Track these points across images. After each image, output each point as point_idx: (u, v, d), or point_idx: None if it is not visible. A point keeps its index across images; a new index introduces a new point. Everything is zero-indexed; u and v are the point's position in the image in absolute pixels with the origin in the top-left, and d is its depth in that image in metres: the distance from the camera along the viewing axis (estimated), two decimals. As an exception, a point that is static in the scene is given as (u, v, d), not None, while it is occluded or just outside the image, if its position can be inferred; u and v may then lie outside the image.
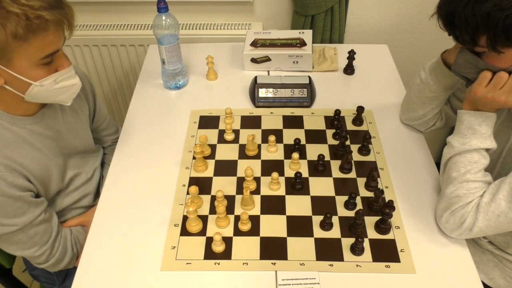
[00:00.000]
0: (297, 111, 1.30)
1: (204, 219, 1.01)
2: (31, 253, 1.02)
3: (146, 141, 1.21)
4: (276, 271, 0.92)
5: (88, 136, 1.19)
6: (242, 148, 1.18)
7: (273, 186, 1.07)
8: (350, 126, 1.25)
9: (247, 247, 0.96)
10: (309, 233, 0.98)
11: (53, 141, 1.05)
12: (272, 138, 1.15)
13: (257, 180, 1.10)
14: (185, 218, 1.01)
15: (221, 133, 1.23)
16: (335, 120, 1.25)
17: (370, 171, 1.06)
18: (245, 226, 0.99)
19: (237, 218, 1.00)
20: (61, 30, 0.87)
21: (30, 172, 0.97)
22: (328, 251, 0.95)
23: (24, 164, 0.96)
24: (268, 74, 1.45)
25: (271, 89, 1.31)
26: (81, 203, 1.17)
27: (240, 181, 1.10)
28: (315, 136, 1.22)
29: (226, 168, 1.14)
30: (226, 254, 0.95)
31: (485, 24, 0.79)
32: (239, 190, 1.08)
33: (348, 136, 1.16)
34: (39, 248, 1.02)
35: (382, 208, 0.96)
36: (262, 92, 1.30)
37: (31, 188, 0.98)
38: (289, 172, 1.12)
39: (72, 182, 1.14)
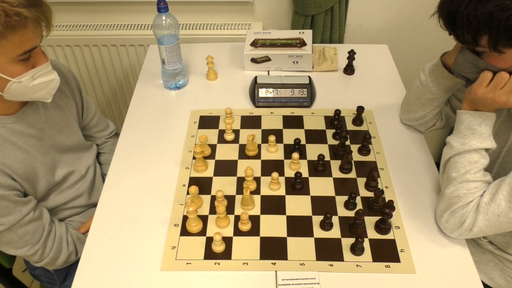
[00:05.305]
0: (297, 111, 1.30)
1: (204, 219, 1.01)
2: (24, 252, 1.02)
3: (146, 141, 1.21)
4: (276, 271, 0.92)
5: (76, 133, 1.19)
6: (242, 148, 1.18)
7: (273, 186, 1.07)
8: (350, 126, 1.25)
9: (247, 247, 0.96)
10: (309, 233, 0.98)
11: (38, 139, 1.05)
12: (272, 138, 1.15)
13: (257, 180, 1.10)
14: (185, 218, 1.01)
15: (221, 133, 1.23)
16: (335, 120, 1.25)
17: (370, 171, 1.06)
18: (245, 226, 0.99)
19: (237, 218, 1.00)
20: (39, 27, 0.88)
21: (14, 171, 0.97)
22: (328, 251, 0.95)
23: (6, 163, 0.96)
24: (268, 74, 1.45)
25: (271, 89, 1.31)
26: (75, 203, 1.17)
27: (240, 181, 1.10)
28: (315, 136, 1.22)
29: (226, 168, 1.13)
30: (226, 254, 0.95)
31: (487, 24, 0.79)
32: (239, 190, 1.08)
33: (348, 136, 1.16)
34: (31, 247, 1.02)
35: (382, 208, 0.96)
36: (262, 92, 1.30)
37: (16, 187, 0.98)
38: (289, 172, 1.12)
39: (66, 180, 1.14)
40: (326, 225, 0.98)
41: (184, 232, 0.99)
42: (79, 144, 1.20)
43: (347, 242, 0.96)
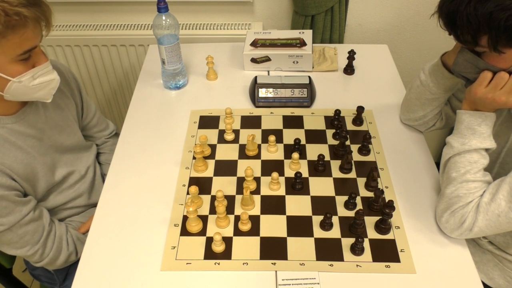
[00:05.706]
0: (297, 111, 1.30)
1: (204, 219, 1.01)
2: (24, 252, 1.02)
3: (146, 141, 1.21)
4: (276, 271, 0.92)
5: (76, 133, 1.19)
6: (242, 148, 1.18)
7: (273, 186, 1.07)
8: (350, 126, 1.25)
9: (247, 247, 0.96)
10: (309, 233, 0.98)
11: (37, 140, 1.05)
12: (272, 138, 1.15)
13: (257, 180, 1.10)
14: (185, 218, 1.01)
15: (221, 133, 1.23)
16: (335, 120, 1.25)
17: (370, 171, 1.06)
18: (245, 226, 0.99)
19: (237, 218, 1.00)
20: (39, 27, 0.88)
21: (13, 171, 0.97)
22: (328, 251, 0.95)
23: (6, 163, 0.96)
24: (268, 74, 1.45)
25: (271, 89, 1.31)
26: (75, 203, 1.17)
27: (240, 181, 1.10)
28: (315, 136, 1.22)
29: (226, 168, 1.13)
30: (226, 254, 0.95)
31: (487, 24, 0.79)
32: (239, 190, 1.08)
33: (348, 136, 1.16)
34: (31, 247, 1.02)
35: (382, 208, 0.96)
36: (262, 92, 1.30)
37: (16, 187, 0.98)
38: (289, 172, 1.12)
39: (66, 180, 1.14)
40: (326, 225, 0.98)
41: (184, 232, 0.99)
42: (79, 144, 1.20)
43: (347, 242, 0.96)
